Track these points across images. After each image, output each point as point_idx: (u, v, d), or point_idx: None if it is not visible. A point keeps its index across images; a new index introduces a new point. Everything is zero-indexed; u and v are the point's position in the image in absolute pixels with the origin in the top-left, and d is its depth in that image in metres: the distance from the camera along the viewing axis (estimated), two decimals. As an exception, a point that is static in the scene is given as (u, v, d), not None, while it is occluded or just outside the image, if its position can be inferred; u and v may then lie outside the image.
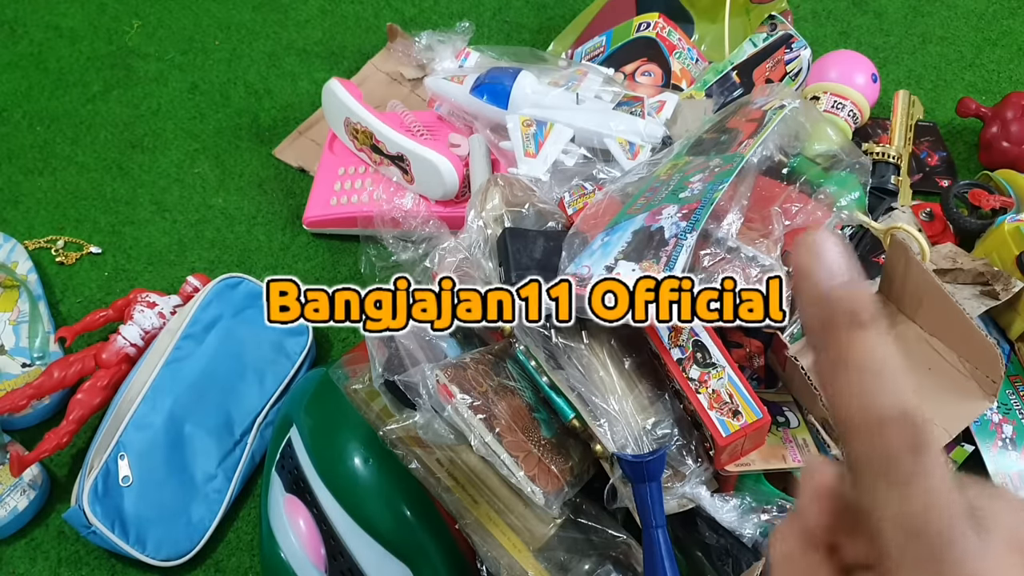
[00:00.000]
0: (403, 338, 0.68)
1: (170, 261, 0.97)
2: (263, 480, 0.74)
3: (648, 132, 0.85)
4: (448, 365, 0.65)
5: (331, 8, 1.21)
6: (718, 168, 0.67)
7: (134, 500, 0.74)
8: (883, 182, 0.89)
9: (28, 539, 0.79)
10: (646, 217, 0.65)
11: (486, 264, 0.70)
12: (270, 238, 0.98)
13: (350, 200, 0.95)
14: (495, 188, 0.75)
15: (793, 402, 0.74)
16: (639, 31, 1.01)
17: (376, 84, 1.09)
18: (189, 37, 1.18)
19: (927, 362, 0.74)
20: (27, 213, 1.01)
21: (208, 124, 1.09)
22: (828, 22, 1.16)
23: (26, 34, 1.19)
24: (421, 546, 0.66)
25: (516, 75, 0.90)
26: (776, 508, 0.66)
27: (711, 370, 0.67)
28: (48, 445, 0.76)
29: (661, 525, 0.61)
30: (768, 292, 0.57)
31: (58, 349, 0.88)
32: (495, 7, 1.20)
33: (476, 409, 0.62)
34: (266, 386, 0.83)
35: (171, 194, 1.02)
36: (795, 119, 0.73)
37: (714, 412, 0.65)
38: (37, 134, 1.09)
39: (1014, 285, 0.74)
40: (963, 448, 0.73)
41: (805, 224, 0.70)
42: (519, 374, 0.68)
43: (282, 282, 0.60)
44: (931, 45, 1.12)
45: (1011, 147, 0.96)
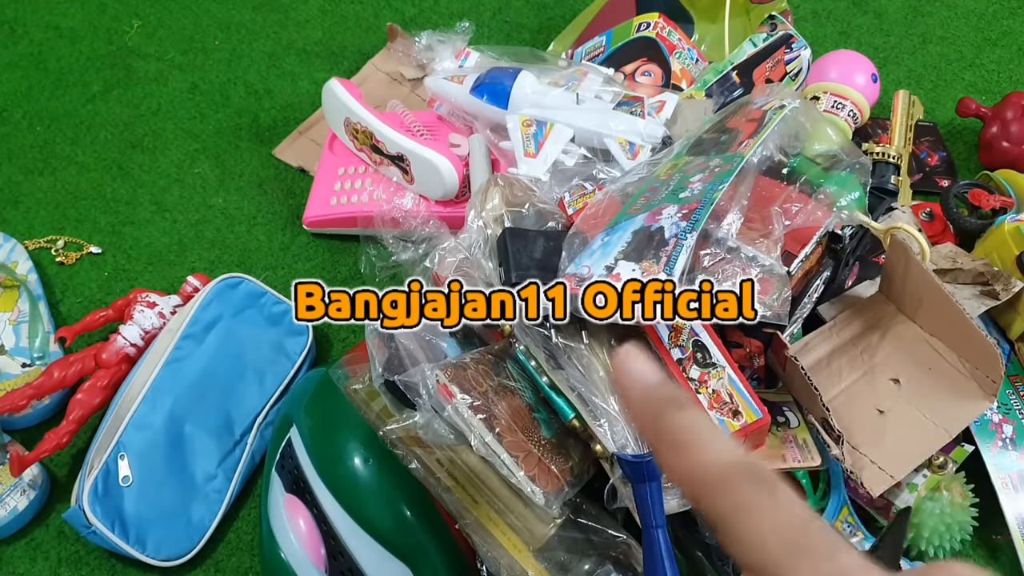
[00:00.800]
0: (403, 338, 0.68)
1: (170, 261, 0.97)
2: (263, 480, 0.74)
3: (648, 132, 0.85)
4: (448, 365, 0.65)
5: (331, 8, 1.21)
6: (718, 168, 0.67)
7: (134, 500, 0.74)
8: (883, 182, 0.89)
9: (28, 539, 0.79)
10: (646, 217, 0.65)
11: (486, 264, 0.70)
12: (270, 238, 0.98)
13: (350, 200, 0.95)
14: (495, 188, 0.75)
15: (793, 402, 0.74)
16: (639, 31, 1.01)
17: (376, 84, 1.09)
18: (189, 37, 1.18)
19: (927, 362, 0.74)
20: (27, 213, 1.01)
21: (208, 124, 1.09)
22: (828, 22, 1.16)
23: (26, 34, 1.19)
24: (421, 546, 0.66)
25: (516, 75, 0.90)
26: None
27: (711, 370, 0.67)
28: (48, 445, 0.76)
29: (661, 525, 0.61)
30: (742, 294, 0.62)
31: (58, 349, 0.88)
32: (495, 7, 1.20)
33: (476, 409, 0.62)
34: (266, 386, 0.83)
35: (171, 194, 1.02)
36: (795, 119, 0.73)
37: (714, 412, 0.65)
38: (37, 134, 1.09)
39: (1014, 285, 0.74)
40: (963, 448, 0.73)
41: (805, 224, 0.70)
42: (519, 374, 0.68)
43: (308, 284, 0.66)
44: (931, 45, 1.12)
45: (1011, 147, 0.96)
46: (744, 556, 0.24)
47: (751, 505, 0.24)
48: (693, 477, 0.26)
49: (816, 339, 0.76)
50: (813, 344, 0.76)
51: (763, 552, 0.23)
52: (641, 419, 0.28)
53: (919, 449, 0.70)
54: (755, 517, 0.24)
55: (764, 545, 0.23)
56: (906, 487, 0.71)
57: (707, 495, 0.25)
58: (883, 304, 0.78)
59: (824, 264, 0.77)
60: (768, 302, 0.63)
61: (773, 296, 0.64)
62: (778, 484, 0.25)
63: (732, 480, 0.25)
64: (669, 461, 0.26)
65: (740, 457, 0.25)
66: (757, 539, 0.24)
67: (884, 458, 0.69)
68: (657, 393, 0.28)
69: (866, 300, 0.79)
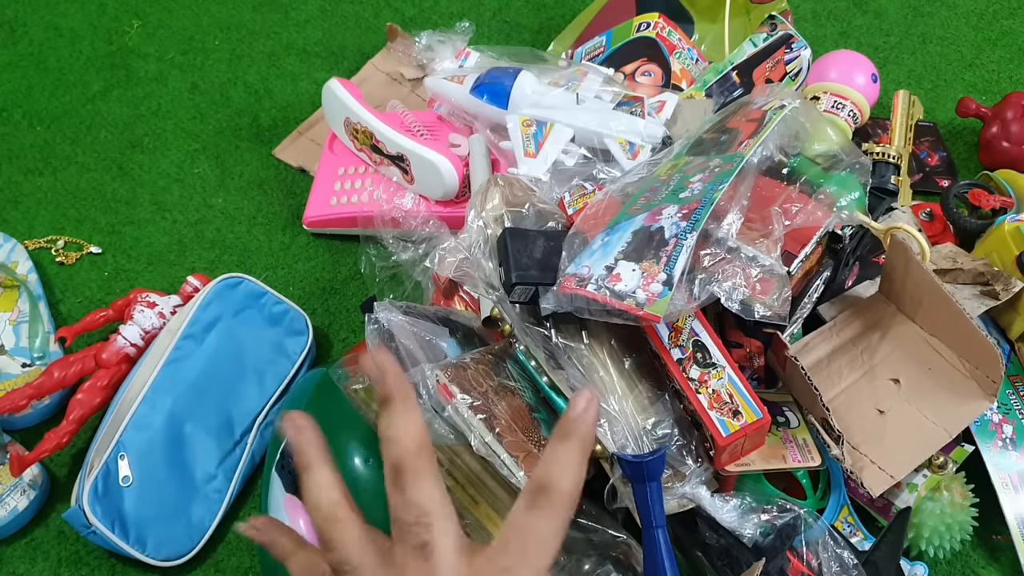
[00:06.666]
0: (403, 338, 0.68)
1: (170, 261, 0.97)
2: (263, 480, 0.74)
3: (648, 132, 0.85)
4: (448, 365, 0.65)
5: (331, 8, 1.21)
6: (718, 168, 0.67)
7: (134, 500, 0.74)
8: (883, 182, 0.89)
9: (28, 539, 0.79)
10: (646, 217, 0.65)
11: (486, 264, 0.70)
12: (270, 238, 0.98)
13: (350, 200, 0.95)
14: (495, 188, 0.75)
15: (793, 402, 0.74)
16: (639, 31, 1.01)
17: (376, 84, 1.09)
18: (189, 37, 1.18)
19: (927, 362, 0.74)
20: (27, 213, 1.01)
21: (208, 124, 1.09)
22: (828, 22, 1.16)
23: (26, 34, 1.19)
24: (421, 546, 0.66)
25: (516, 75, 0.90)
26: (776, 508, 0.66)
27: (711, 370, 0.67)
28: (48, 445, 0.76)
29: (661, 525, 0.61)
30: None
31: (58, 349, 0.88)
32: (495, 7, 1.20)
33: (476, 409, 0.62)
34: (266, 386, 0.83)
35: (171, 194, 1.02)
36: (795, 119, 0.73)
37: (714, 412, 0.65)
38: (37, 134, 1.09)
39: (1014, 285, 0.74)
40: (963, 448, 0.73)
41: (805, 224, 0.70)
42: (519, 374, 0.68)
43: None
44: (931, 45, 1.12)
45: (1011, 147, 0.96)
46: None
47: None
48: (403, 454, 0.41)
49: (816, 339, 0.76)
50: (813, 344, 0.76)
51: None
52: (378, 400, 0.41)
53: (919, 449, 0.70)
54: None
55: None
56: (906, 487, 0.71)
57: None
58: (883, 304, 0.78)
59: (824, 264, 0.77)
60: (768, 302, 0.63)
61: (773, 296, 0.64)
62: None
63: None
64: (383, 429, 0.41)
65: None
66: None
67: (884, 458, 0.69)
68: (380, 385, 0.41)
69: (866, 300, 0.79)
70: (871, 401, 0.73)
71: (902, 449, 0.70)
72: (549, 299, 0.65)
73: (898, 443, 0.70)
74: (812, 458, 0.70)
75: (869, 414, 0.72)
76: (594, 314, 0.63)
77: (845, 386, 0.74)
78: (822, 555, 0.64)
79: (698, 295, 0.63)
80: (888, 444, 0.70)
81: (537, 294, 0.66)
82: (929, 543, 0.70)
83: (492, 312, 0.70)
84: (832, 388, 0.74)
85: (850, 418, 0.72)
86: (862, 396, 0.73)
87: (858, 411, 0.72)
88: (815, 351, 0.76)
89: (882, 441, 0.70)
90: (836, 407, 0.72)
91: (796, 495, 0.73)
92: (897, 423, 0.71)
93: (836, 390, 0.74)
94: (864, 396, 0.73)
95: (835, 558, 0.64)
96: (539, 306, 0.65)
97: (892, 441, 0.70)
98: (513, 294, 0.67)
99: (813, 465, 0.69)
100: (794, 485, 0.74)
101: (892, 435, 0.71)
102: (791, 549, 0.64)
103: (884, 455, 0.69)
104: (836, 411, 0.69)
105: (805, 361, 0.73)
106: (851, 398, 0.73)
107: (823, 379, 0.74)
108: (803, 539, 0.64)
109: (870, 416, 0.72)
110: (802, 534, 0.65)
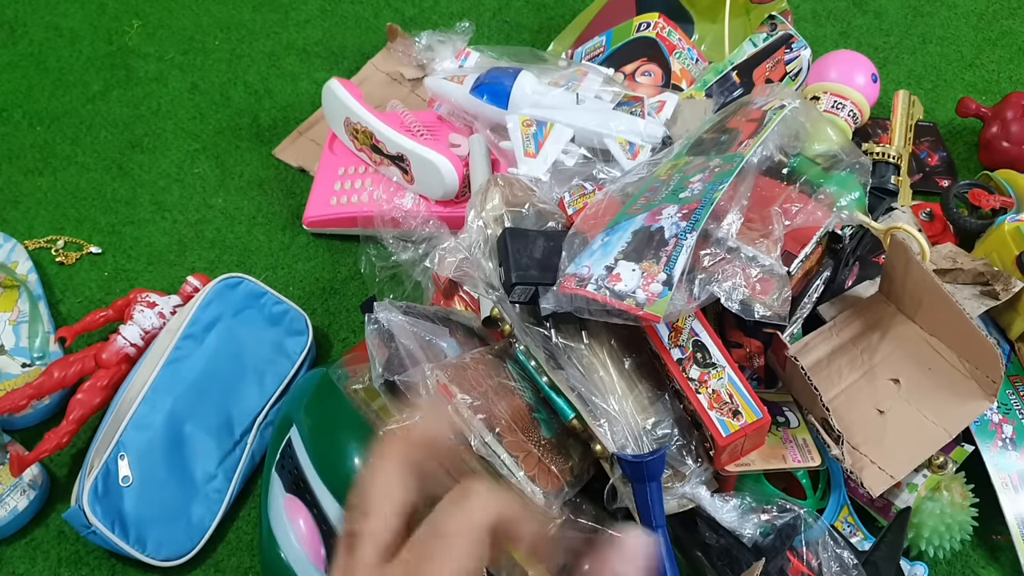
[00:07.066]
0: (403, 338, 0.68)
1: (170, 261, 0.97)
2: (263, 480, 0.74)
3: (648, 132, 0.85)
4: (448, 365, 0.65)
5: (331, 8, 1.21)
6: (718, 168, 0.67)
7: (134, 500, 0.74)
8: (883, 182, 0.89)
9: (28, 539, 0.79)
10: (646, 217, 0.65)
11: (486, 264, 0.70)
12: (270, 238, 0.98)
13: (350, 200, 0.95)
14: (495, 188, 0.75)
15: (793, 402, 0.74)
16: (639, 31, 1.01)
17: (376, 84, 1.09)
18: (189, 37, 1.18)
19: (927, 362, 0.74)
20: (27, 213, 1.01)
21: (208, 124, 1.09)
22: (828, 22, 1.16)
23: (26, 34, 1.19)
24: (421, 546, 0.66)
25: (516, 75, 0.90)
26: (776, 508, 0.66)
27: (711, 370, 0.67)
28: (48, 445, 0.76)
29: (661, 525, 0.61)
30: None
31: (58, 349, 0.88)
32: (495, 7, 1.20)
33: (476, 409, 0.62)
34: (266, 386, 0.83)
35: (171, 194, 1.02)
36: (795, 119, 0.73)
37: (714, 412, 0.65)
38: (37, 134, 1.09)
39: (1014, 285, 0.74)
40: (963, 448, 0.73)
41: (805, 224, 0.70)
42: (519, 374, 0.68)
43: None
44: (931, 45, 1.12)
45: (1011, 147, 0.96)
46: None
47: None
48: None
49: (816, 339, 0.76)
50: (813, 344, 0.76)
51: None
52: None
53: (919, 449, 0.70)
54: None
55: None
56: (906, 487, 0.71)
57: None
58: (883, 304, 0.78)
59: (824, 264, 0.77)
60: (768, 302, 0.63)
61: (773, 296, 0.64)
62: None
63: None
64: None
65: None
66: None
67: (884, 458, 0.69)
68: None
69: (866, 300, 0.79)
70: (871, 401, 0.73)
71: (902, 449, 0.70)
72: (549, 299, 0.65)
73: (898, 443, 0.70)
74: (812, 458, 0.70)
75: (869, 414, 0.72)
76: (594, 314, 0.63)
77: (845, 386, 0.74)
78: (822, 555, 0.64)
79: (698, 295, 0.63)
80: (888, 444, 0.70)
81: (537, 294, 0.66)
82: (929, 543, 0.70)
83: (492, 312, 0.70)
84: (832, 388, 0.74)
85: (850, 418, 0.72)
86: (862, 396, 0.73)
87: (858, 411, 0.72)
88: (815, 351, 0.76)
89: (882, 441, 0.70)
90: (836, 407, 0.72)
91: (796, 495, 0.73)
92: (897, 423, 0.71)
93: (836, 390, 0.74)
94: (864, 396, 0.73)
95: (835, 558, 0.64)
96: (539, 306, 0.65)
97: (892, 441, 0.70)
98: (513, 294, 0.67)
99: (813, 465, 0.69)
100: (794, 485, 0.74)
101: (892, 435, 0.71)
102: (791, 549, 0.64)
103: (884, 455, 0.69)
104: (836, 411, 0.69)
105: (805, 361, 0.73)
106: (851, 398, 0.73)
107: (823, 379, 0.74)
108: (803, 539, 0.64)
109: (870, 416, 0.72)
110: (802, 534, 0.65)
